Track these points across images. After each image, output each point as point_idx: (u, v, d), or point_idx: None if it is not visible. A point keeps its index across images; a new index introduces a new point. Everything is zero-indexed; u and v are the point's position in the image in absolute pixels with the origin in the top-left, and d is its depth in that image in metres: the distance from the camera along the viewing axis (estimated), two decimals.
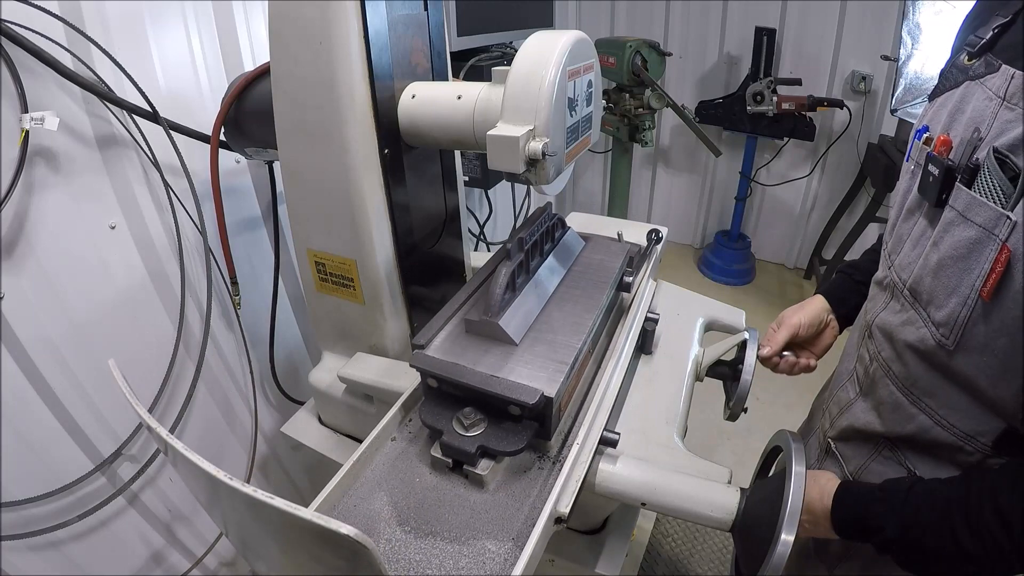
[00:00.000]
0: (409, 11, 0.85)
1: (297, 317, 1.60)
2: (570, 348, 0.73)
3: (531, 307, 0.80)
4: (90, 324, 1.08)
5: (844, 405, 0.87)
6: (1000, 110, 0.60)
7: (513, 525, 0.63)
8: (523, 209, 2.52)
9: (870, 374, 0.80)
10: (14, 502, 0.98)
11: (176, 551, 1.35)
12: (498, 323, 0.73)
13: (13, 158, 0.91)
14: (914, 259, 0.71)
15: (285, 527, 0.41)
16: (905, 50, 2.18)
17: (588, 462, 0.68)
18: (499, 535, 0.62)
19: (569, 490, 0.64)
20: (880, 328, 0.78)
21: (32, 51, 0.89)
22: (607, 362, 0.85)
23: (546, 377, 0.68)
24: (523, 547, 0.57)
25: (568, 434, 0.75)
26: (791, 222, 3.35)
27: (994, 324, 0.58)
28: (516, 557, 0.57)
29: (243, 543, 0.60)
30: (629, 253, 0.98)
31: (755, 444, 1.49)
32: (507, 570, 0.57)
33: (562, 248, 0.94)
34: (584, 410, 0.78)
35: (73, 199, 1.02)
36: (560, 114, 0.72)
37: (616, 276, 0.91)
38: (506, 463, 0.70)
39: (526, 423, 0.68)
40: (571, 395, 0.79)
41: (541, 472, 0.70)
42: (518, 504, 0.65)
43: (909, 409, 0.72)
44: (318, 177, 0.85)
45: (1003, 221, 0.55)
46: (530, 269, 0.84)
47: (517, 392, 0.65)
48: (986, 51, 0.66)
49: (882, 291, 0.81)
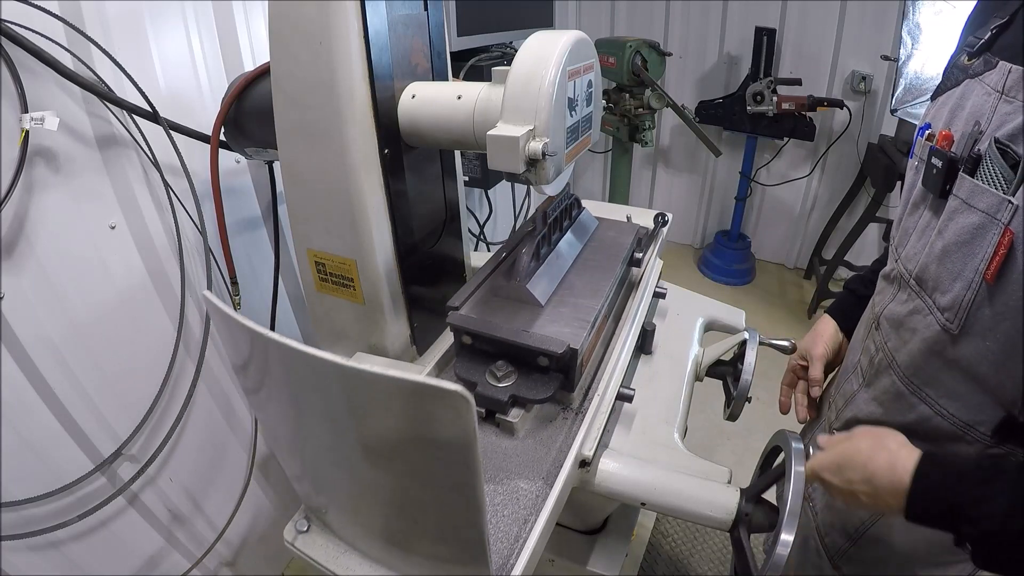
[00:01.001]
0: (409, 11, 0.85)
1: (297, 317, 1.60)
2: (591, 308, 0.81)
3: (554, 274, 0.89)
4: (90, 324, 1.08)
5: (849, 396, 0.88)
6: (999, 103, 0.61)
7: (542, 467, 0.70)
8: (523, 209, 2.52)
9: (875, 364, 0.81)
10: (14, 502, 0.98)
11: (176, 551, 1.35)
12: (526, 287, 0.81)
13: (13, 158, 0.91)
14: (920, 249, 0.72)
15: (389, 393, 0.43)
16: (905, 50, 2.18)
17: (608, 412, 0.75)
18: (530, 475, 0.69)
19: (592, 436, 0.72)
20: (887, 318, 0.79)
21: (32, 51, 0.89)
22: (621, 328, 0.92)
23: (571, 332, 0.76)
24: (552, 485, 0.65)
25: (588, 389, 0.82)
26: (791, 222, 3.35)
27: (997, 307, 0.59)
28: (547, 494, 0.65)
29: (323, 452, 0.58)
30: (638, 234, 1.06)
31: (755, 444, 1.50)
32: (539, 504, 0.64)
33: (579, 225, 1.02)
34: (602, 370, 0.85)
35: (73, 199, 1.02)
36: (560, 114, 0.72)
37: (628, 251, 0.99)
38: (534, 413, 0.78)
39: (553, 375, 0.76)
40: (591, 354, 0.85)
41: (565, 422, 0.78)
42: (546, 449, 0.73)
43: (910, 399, 0.73)
44: (318, 177, 0.85)
45: (1005, 206, 0.56)
46: (552, 242, 0.92)
47: (546, 343, 0.72)
48: (985, 51, 0.68)
49: (889, 284, 0.82)
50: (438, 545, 0.57)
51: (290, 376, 0.50)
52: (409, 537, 0.59)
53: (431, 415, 0.42)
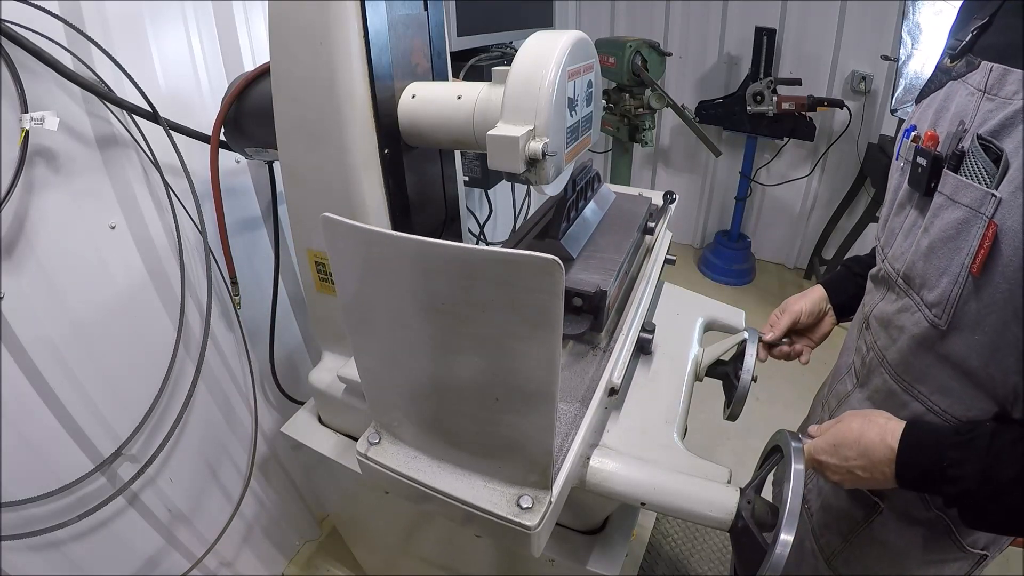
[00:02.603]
0: (409, 11, 0.85)
1: (297, 317, 1.60)
2: (615, 261, 0.94)
3: (582, 233, 1.01)
4: (90, 324, 1.08)
5: (842, 397, 0.88)
6: (982, 102, 0.62)
7: (578, 392, 0.80)
8: (523, 209, 2.52)
9: (867, 364, 0.81)
10: (14, 502, 0.98)
11: (176, 551, 1.35)
12: (560, 242, 0.91)
13: (13, 158, 0.91)
14: (906, 248, 0.72)
15: (486, 263, 0.50)
16: (905, 50, 2.18)
17: (631, 349, 0.86)
18: (568, 399, 0.78)
19: (619, 367, 0.81)
20: (877, 318, 0.79)
21: (32, 51, 0.89)
22: (638, 285, 1.02)
23: (600, 279, 0.87)
24: (588, 406, 0.75)
25: (613, 332, 0.91)
26: (791, 222, 3.35)
27: (984, 300, 0.59)
28: (584, 414, 0.74)
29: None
30: (650, 207, 1.20)
31: (755, 444, 1.49)
32: (577, 422, 0.73)
33: (600, 196, 1.15)
34: (623, 316, 0.94)
35: (73, 199, 1.02)
36: (560, 114, 0.72)
37: (642, 220, 1.12)
38: (568, 348, 0.88)
39: (584, 315, 0.85)
40: (615, 300, 0.96)
41: (595, 358, 0.87)
42: (579, 379, 0.82)
43: (901, 396, 0.74)
44: (318, 177, 0.85)
45: (989, 199, 0.57)
46: (579, 208, 1.03)
47: (581, 284, 0.84)
48: (967, 52, 0.69)
49: (877, 285, 0.82)
50: (513, 425, 0.61)
51: (399, 267, 0.57)
52: (483, 426, 0.64)
53: (527, 282, 0.49)
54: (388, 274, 0.58)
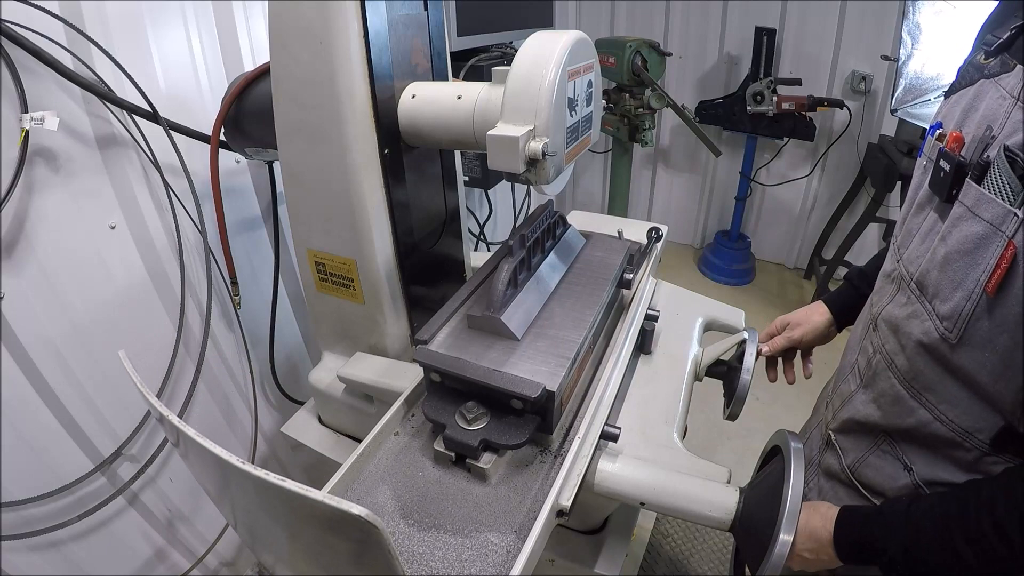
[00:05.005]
0: (409, 11, 0.85)
1: (297, 317, 1.60)
2: (571, 343, 0.74)
3: (533, 303, 0.81)
4: (90, 324, 1.08)
5: (846, 397, 0.87)
6: (1013, 110, 0.60)
7: (515, 518, 0.64)
8: (523, 209, 2.52)
9: (872, 366, 0.80)
10: (14, 502, 0.98)
11: (176, 551, 1.35)
12: (500, 318, 0.74)
13: (13, 158, 0.91)
14: (922, 253, 0.71)
15: (296, 510, 0.42)
16: (905, 50, 2.18)
17: (589, 456, 0.68)
18: (502, 528, 0.62)
19: (571, 483, 0.65)
20: (885, 321, 0.78)
21: (32, 51, 0.89)
22: (608, 358, 0.85)
23: (548, 371, 0.69)
24: (525, 539, 0.58)
25: (569, 429, 0.76)
26: (791, 222, 3.35)
27: (997, 320, 0.58)
28: (518, 550, 0.57)
29: (251, 533, 0.60)
30: (629, 251, 0.99)
31: (755, 444, 1.49)
32: (510, 562, 0.57)
33: (563, 245, 0.95)
34: (585, 405, 0.78)
35: (73, 199, 1.02)
36: (560, 114, 0.72)
37: (616, 273, 0.91)
38: (508, 457, 0.71)
39: (528, 417, 0.69)
40: (572, 390, 0.80)
41: (543, 466, 0.71)
42: (520, 497, 0.66)
43: (909, 403, 0.73)
44: (318, 177, 0.85)
45: (1010, 218, 0.55)
46: (532, 266, 0.85)
47: (519, 386, 0.66)
48: (1003, 51, 0.67)
49: (889, 284, 0.81)
50: None
51: (230, 489, 0.51)
52: None
53: (343, 541, 0.40)
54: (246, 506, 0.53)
